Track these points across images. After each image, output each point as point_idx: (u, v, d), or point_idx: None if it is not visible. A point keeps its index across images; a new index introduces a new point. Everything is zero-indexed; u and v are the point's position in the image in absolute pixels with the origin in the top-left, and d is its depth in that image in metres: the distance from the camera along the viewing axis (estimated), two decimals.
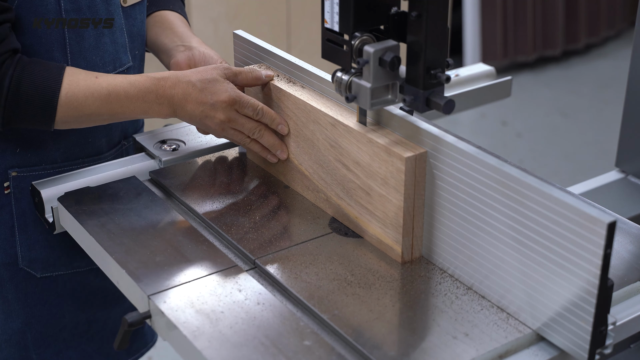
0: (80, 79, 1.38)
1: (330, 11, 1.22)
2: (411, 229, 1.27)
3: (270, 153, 1.48)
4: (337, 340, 1.14)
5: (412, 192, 1.24)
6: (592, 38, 5.18)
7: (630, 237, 1.34)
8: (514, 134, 4.30)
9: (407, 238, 1.27)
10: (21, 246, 1.52)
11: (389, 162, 1.24)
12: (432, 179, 1.24)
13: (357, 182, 1.33)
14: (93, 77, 1.39)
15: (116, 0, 1.49)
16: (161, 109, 1.42)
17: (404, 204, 1.24)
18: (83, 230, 1.37)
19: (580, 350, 1.09)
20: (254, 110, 1.44)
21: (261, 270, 1.28)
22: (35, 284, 1.55)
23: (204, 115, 1.42)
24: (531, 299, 1.13)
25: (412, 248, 1.29)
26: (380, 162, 1.27)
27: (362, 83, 1.23)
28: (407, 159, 1.22)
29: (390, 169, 1.25)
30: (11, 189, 1.48)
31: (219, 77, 1.43)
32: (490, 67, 2.03)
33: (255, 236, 1.35)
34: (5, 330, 1.56)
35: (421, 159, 1.23)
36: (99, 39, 1.47)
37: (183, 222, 1.39)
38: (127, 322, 1.20)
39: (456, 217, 1.21)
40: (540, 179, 1.17)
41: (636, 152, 1.85)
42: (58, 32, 1.41)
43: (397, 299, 1.21)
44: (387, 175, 1.26)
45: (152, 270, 1.26)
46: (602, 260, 1.02)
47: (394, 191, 1.25)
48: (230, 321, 1.16)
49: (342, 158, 1.35)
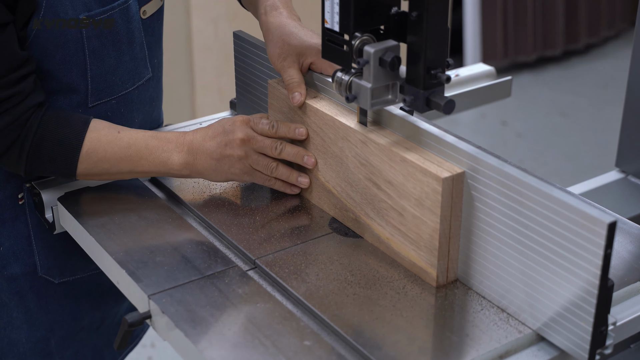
0: (102, 135, 1.38)
1: (330, 11, 1.22)
2: (447, 252, 1.21)
3: (290, 186, 1.45)
4: (337, 340, 1.14)
5: (448, 214, 1.19)
6: (593, 38, 5.18)
7: (630, 237, 1.34)
8: (514, 134, 4.30)
9: (443, 261, 1.22)
10: (39, 255, 1.52)
11: (425, 182, 1.19)
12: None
13: (389, 202, 1.27)
14: (115, 132, 1.39)
15: (136, 16, 1.47)
16: (180, 156, 1.39)
17: (440, 226, 1.18)
18: (83, 230, 1.37)
19: (580, 351, 1.09)
20: (269, 124, 1.41)
21: (261, 270, 1.28)
22: (54, 290, 1.56)
23: (223, 144, 1.39)
24: (531, 299, 1.13)
25: (447, 271, 1.23)
26: (414, 182, 1.21)
27: (363, 83, 1.23)
28: (445, 179, 1.16)
29: (426, 190, 1.19)
30: (25, 200, 1.48)
31: (232, 122, 1.41)
32: (490, 67, 2.03)
33: (255, 236, 1.35)
34: (29, 339, 1.56)
35: (458, 179, 1.17)
36: (120, 59, 1.45)
37: (183, 222, 1.39)
38: (127, 322, 1.20)
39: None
40: (540, 179, 1.17)
41: (636, 152, 1.85)
42: (79, 57, 1.39)
43: (397, 299, 1.21)
44: (422, 196, 1.20)
45: (152, 270, 1.26)
46: (602, 260, 1.02)
47: (429, 213, 1.20)
48: (230, 321, 1.16)
49: (373, 177, 1.29)
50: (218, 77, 3.63)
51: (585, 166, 3.97)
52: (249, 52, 1.60)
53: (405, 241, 1.26)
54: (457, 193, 1.18)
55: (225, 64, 3.62)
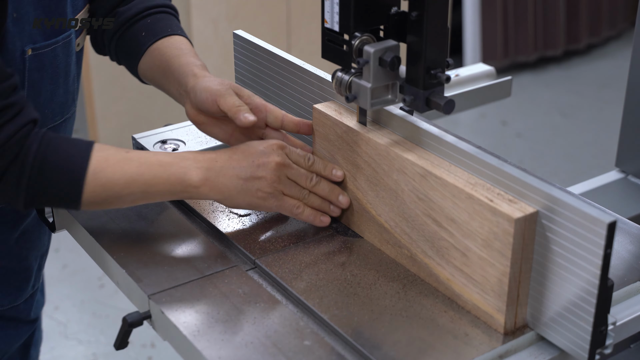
0: (109, 154, 1.25)
1: (330, 11, 1.22)
2: (516, 297, 1.12)
3: (320, 216, 1.36)
4: (337, 340, 1.14)
5: (519, 257, 1.10)
6: (593, 38, 5.18)
7: (630, 237, 1.34)
8: (514, 134, 4.30)
9: (512, 307, 1.13)
10: None
11: (494, 222, 1.10)
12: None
13: (450, 240, 1.18)
14: (123, 152, 1.27)
15: (74, 49, 1.41)
16: (199, 172, 1.27)
17: (511, 269, 1.09)
18: (83, 230, 1.37)
19: (580, 350, 1.09)
20: (305, 156, 1.33)
21: (261, 270, 1.28)
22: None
23: (255, 165, 1.29)
24: (531, 298, 1.13)
25: (515, 317, 1.14)
26: (481, 221, 1.12)
27: (362, 83, 1.23)
28: (517, 220, 1.07)
29: (495, 230, 1.10)
30: None
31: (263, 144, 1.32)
32: (490, 67, 2.03)
33: (255, 236, 1.35)
34: None
35: (531, 219, 1.08)
36: (54, 92, 1.40)
37: (183, 222, 1.39)
38: (127, 322, 1.20)
39: None
40: (540, 179, 1.17)
41: (636, 152, 1.85)
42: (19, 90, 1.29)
43: (397, 299, 1.21)
44: (491, 237, 1.11)
45: (152, 270, 1.26)
46: (602, 260, 1.02)
47: (498, 255, 1.10)
48: (230, 321, 1.16)
49: (432, 213, 1.20)
50: (218, 77, 3.63)
51: (585, 166, 3.97)
52: (249, 52, 1.60)
53: (468, 283, 1.17)
54: (530, 234, 1.09)
55: (225, 64, 3.62)
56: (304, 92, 1.47)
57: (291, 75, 1.49)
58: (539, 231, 1.09)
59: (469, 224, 1.14)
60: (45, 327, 2.92)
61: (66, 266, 3.28)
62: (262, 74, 1.57)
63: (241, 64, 1.63)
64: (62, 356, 2.87)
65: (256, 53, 1.57)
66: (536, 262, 1.11)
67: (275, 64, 1.53)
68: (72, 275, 3.24)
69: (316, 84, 1.43)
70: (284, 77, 1.51)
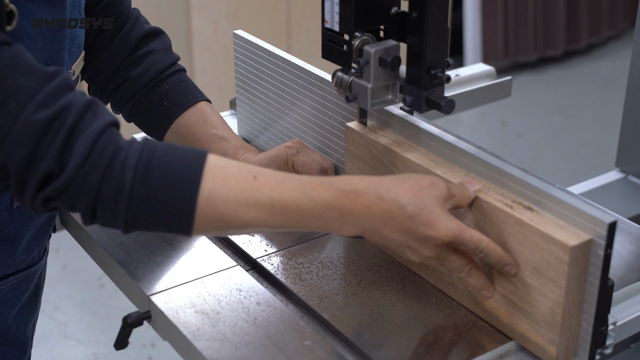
0: (230, 175, 1.01)
1: (330, 11, 1.22)
2: (569, 328, 1.06)
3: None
4: (337, 340, 1.14)
5: (573, 286, 1.04)
6: (594, 38, 5.18)
7: (630, 237, 1.34)
8: (514, 134, 4.30)
9: (564, 338, 1.07)
10: None
11: (547, 250, 1.04)
12: None
13: None
14: (250, 177, 1.02)
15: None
16: (345, 229, 1.05)
17: (564, 299, 1.03)
18: (83, 230, 1.37)
19: (580, 350, 1.09)
20: (477, 249, 1.08)
21: (261, 270, 1.28)
22: None
23: (405, 246, 1.08)
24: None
25: (567, 349, 1.08)
26: (532, 249, 1.05)
27: (362, 83, 1.23)
28: (573, 248, 1.01)
29: (548, 258, 1.04)
30: None
31: (436, 203, 1.07)
32: (490, 67, 2.03)
33: (255, 236, 1.35)
34: None
35: (586, 247, 1.03)
36: None
37: None
38: (127, 322, 1.20)
39: None
40: (540, 179, 1.17)
41: (636, 152, 1.85)
42: None
43: (397, 299, 1.21)
44: (543, 265, 1.05)
45: (152, 270, 1.26)
46: (602, 260, 1.02)
47: (550, 284, 1.04)
48: (231, 321, 1.16)
49: None
50: (218, 77, 3.63)
51: (585, 166, 3.98)
52: (249, 52, 1.60)
53: (516, 312, 1.11)
54: (584, 262, 1.03)
55: (225, 64, 3.62)
56: (304, 92, 1.47)
57: (291, 75, 1.49)
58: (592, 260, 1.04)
59: (518, 250, 1.08)
60: (45, 327, 2.93)
61: (66, 266, 3.28)
62: (262, 74, 1.57)
63: (241, 64, 1.63)
64: (62, 356, 2.87)
65: (256, 53, 1.57)
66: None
67: (275, 64, 1.53)
68: (72, 275, 3.24)
69: (316, 84, 1.43)
70: (284, 77, 1.51)
